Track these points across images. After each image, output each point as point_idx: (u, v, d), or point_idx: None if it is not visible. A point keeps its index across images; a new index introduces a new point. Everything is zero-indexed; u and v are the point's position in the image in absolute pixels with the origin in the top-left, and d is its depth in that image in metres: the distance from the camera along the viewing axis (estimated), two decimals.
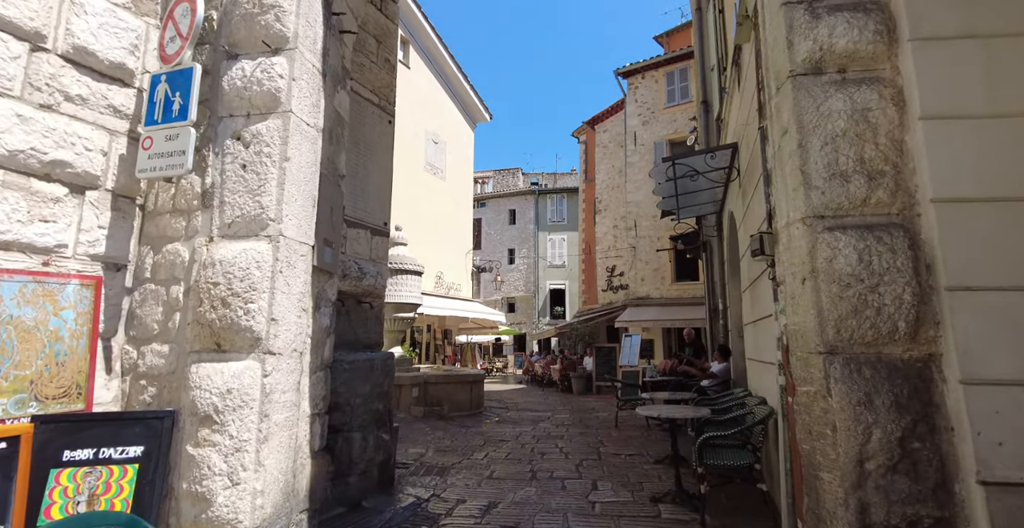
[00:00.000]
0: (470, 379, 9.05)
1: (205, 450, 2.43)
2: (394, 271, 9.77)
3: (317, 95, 3.11)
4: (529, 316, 30.45)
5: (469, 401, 9.05)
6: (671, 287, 15.93)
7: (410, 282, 9.95)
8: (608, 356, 13.24)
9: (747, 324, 5.65)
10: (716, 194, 7.39)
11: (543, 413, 9.43)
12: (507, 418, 8.75)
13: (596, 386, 13.25)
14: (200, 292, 2.64)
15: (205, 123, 2.90)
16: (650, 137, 16.98)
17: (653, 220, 16.36)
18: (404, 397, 8.38)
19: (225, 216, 2.74)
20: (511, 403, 10.99)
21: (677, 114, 16.65)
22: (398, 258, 9.86)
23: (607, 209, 20.31)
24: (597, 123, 20.93)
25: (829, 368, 2.16)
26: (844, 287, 2.18)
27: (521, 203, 31.92)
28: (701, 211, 8.16)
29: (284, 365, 2.72)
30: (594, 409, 9.93)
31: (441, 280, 16.47)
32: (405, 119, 15.67)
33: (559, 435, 7.15)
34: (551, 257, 30.67)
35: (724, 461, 3.75)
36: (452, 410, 8.76)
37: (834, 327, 2.17)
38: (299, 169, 2.88)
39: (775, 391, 3.49)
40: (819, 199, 2.29)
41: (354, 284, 4.32)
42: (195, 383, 2.52)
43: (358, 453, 3.96)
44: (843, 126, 2.29)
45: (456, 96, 18.24)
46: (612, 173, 20.19)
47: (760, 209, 4.19)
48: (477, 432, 7.44)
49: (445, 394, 8.81)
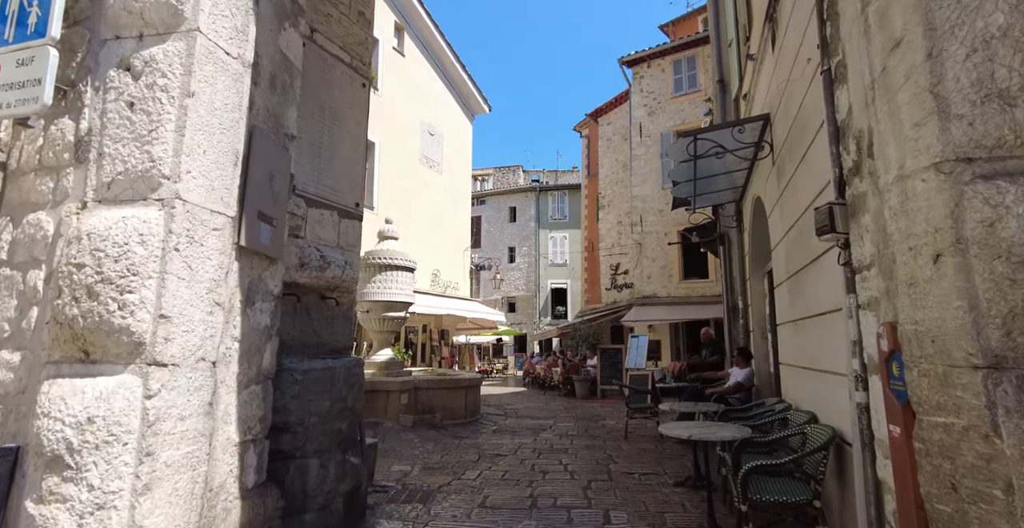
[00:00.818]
0: (465, 384, 8.28)
1: (51, 508, 1.67)
2: (384, 267, 9.01)
3: (244, 18, 2.33)
4: (530, 316, 29.68)
5: (464, 408, 8.28)
6: (679, 285, 15.15)
7: (401, 279, 9.19)
8: (614, 358, 12.47)
9: (783, 323, 4.87)
10: (736, 180, 6.62)
11: (544, 421, 8.66)
12: (505, 427, 7.98)
13: (601, 390, 12.47)
14: (60, 278, 1.87)
15: (84, 48, 2.13)
16: (656, 128, 16.20)
17: (660, 215, 15.59)
18: (392, 404, 7.61)
19: (104, 173, 1.98)
20: (510, 409, 10.22)
21: (685, 104, 15.88)
22: (388, 253, 9.10)
23: (611, 205, 19.53)
24: (600, 115, 20.15)
25: (994, 391, 1.38)
26: (1016, 265, 1.40)
27: (522, 200, 31.15)
28: (719, 199, 7.39)
29: (182, 381, 1.94)
30: (600, 416, 9.15)
31: (438, 278, 15.71)
32: (399, 109, 14.93)
33: (563, 448, 6.37)
34: (552, 255, 29.90)
35: (774, 496, 2.97)
36: (445, 418, 7.99)
37: (1001, 328, 1.40)
38: (211, 112, 2.11)
39: (845, 410, 2.71)
40: (965, 133, 1.51)
41: (315, 275, 3.55)
42: (44, 408, 1.75)
43: (315, 483, 3.19)
44: (1002, 22, 1.51)
45: (453, 87, 17.48)
46: (616, 167, 19.41)
47: (809, 184, 3.41)
48: (471, 444, 6.67)
49: (437, 401, 8.04)
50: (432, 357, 15.16)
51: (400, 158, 14.68)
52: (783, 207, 4.51)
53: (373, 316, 8.95)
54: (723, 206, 7.71)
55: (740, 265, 7.33)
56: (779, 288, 4.89)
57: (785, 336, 4.83)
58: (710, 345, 8.12)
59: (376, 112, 14.20)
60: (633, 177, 16.38)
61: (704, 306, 14.24)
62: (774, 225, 5.06)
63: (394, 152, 14.46)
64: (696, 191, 6.53)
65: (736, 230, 7.43)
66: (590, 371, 13.03)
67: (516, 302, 30.20)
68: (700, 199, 7.14)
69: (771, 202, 5.05)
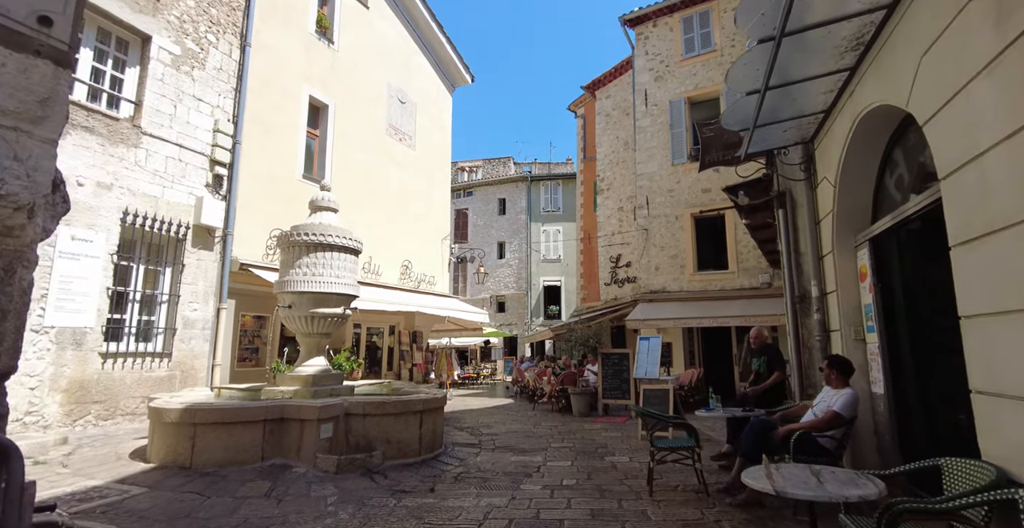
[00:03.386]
0: (418, 407, 5.92)
1: None
2: (314, 246, 6.65)
3: None
4: (521, 316, 27.32)
5: (418, 440, 5.91)
6: (693, 278, 12.85)
7: (339, 264, 6.83)
8: (618, 365, 10.14)
9: (971, 316, 2.55)
10: (810, 105, 4.32)
11: (531, 456, 6.31)
12: (474, 470, 5.63)
13: (604, 405, 10.13)
14: None
15: None
16: (664, 95, 13.93)
17: (670, 195, 13.30)
18: (308, 439, 5.24)
19: None
20: (487, 435, 7.85)
21: (697, 67, 13.61)
22: (320, 228, 6.74)
23: (610, 189, 17.24)
24: (598, 87, 17.86)
25: None
26: None
27: (512, 191, 28.82)
28: (780, 140, 5.06)
29: None
30: (605, 446, 6.82)
31: (409, 271, 13.34)
32: (361, 68, 12.55)
33: (556, 519, 4.03)
34: (545, 250, 27.57)
35: None
36: (390, 456, 5.63)
37: None
38: None
39: None
40: None
41: None
42: None
43: None
44: None
45: (430, 50, 15.13)
46: (616, 146, 17.13)
47: None
48: (416, 508, 4.32)
49: (378, 432, 5.68)
50: (401, 364, 12.78)
51: (361, 127, 12.31)
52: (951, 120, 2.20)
53: (297, 313, 6.58)
54: (783, 152, 5.40)
55: (813, 235, 5.03)
56: (967, 250, 2.56)
57: (974, 340, 2.51)
58: (765, 353, 5.72)
59: (329, 69, 11.80)
60: (638, 153, 14.07)
61: (724, 301, 11.96)
62: (950, 136, 2.73)
63: (353, 119, 12.08)
64: (758, 118, 4.21)
65: (805, 183, 5.12)
66: (590, 381, 10.70)
67: (506, 301, 27.84)
68: (759, 136, 4.82)
69: (945, 92, 2.72)
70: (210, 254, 8.71)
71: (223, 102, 9.16)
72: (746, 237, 12.26)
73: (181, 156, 8.36)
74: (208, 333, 8.59)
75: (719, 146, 7.03)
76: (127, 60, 7.90)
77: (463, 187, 30.03)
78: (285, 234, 6.81)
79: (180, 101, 8.40)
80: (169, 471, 4.83)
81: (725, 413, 4.78)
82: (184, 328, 8.20)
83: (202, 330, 8.50)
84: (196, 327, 8.41)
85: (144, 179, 7.77)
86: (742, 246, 12.31)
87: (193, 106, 8.62)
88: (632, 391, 9.75)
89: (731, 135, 7.12)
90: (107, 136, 7.30)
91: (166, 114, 8.17)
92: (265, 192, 9.82)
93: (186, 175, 8.42)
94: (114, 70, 7.73)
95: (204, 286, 8.57)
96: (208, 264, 8.67)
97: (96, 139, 7.16)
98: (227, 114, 9.20)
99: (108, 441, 6.13)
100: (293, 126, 10.63)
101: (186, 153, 8.43)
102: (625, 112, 16.81)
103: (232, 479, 4.74)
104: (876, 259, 4.18)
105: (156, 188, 7.94)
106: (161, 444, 5.05)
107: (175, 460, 4.95)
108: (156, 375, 7.76)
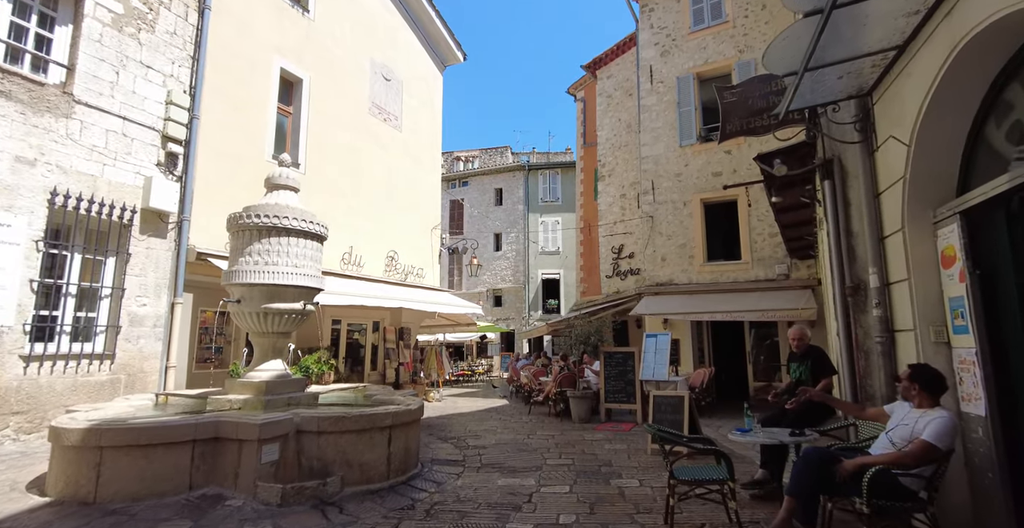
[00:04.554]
0: (388, 421, 4.92)
1: None
2: (267, 230, 5.66)
3: None
4: (518, 311, 26.36)
5: (386, 462, 4.93)
6: (703, 268, 11.85)
7: (297, 251, 5.82)
8: (622, 365, 9.15)
9: None
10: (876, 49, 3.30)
11: (523, 479, 5.34)
12: (451, 501, 4.65)
13: (606, 410, 9.17)
14: None
15: None
16: (671, 71, 12.86)
17: (677, 179, 12.28)
18: (246, 463, 4.26)
19: None
20: (474, 447, 6.88)
21: (708, 40, 12.54)
22: (276, 209, 5.74)
23: (612, 174, 16.21)
24: (599, 67, 16.77)
25: None
26: None
27: (509, 181, 27.77)
28: (837, 90, 4.03)
29: None
30: (610, 464, 5.85)
31: (395, 262, 12.33)
32: (340, 41, 11.46)
33: None
34: (544, 242, 26.57)
35: None
36: (352, 482, 4.66)
37: None
38: None
39: None
40: None
41: None
42: None
43: None
44: None
45: (418, 25, 14.04)
46: (619, 129, 16.08)
47: None
48: None
49: (336, 452, 4.69)
50: (387, 364, 11.79)
51: (341, 104, 11.26)
52: None
53: (247, 309, 5.59)
54: (831, 109, 4.37)
55: (871, 210, 4.02)
56: None
57: None
58: (809, 357, 4.66)
59: (304, 40, 10.70)
60: (642, 134, 13.02)
61: (737, 294, 10.98)
62: None
63: (332, 96, 11.02)
64: (812, 53, 3.18)
65: (860, 147, 4.10)
66: (591, 381, 9.73)
67: (503, 295, 26.87)
68: (805, 88, 3.79)
69: None
70: (162, 242, 7.70)
71: (178, 71, 8.11)
72: (761, 224, 11.26)
73: (125, 130, 7.32)
74: (160, 331, 7.59)
75: (742, 112, 6.01)
76: (56, 17, 6.84)
77: (458, 176, 28.99)
78: (233, 216, 5.80)
79: (124, 67, 7.35)
80: (65, 508, 3.85)
81: (767, 437, 3.77)
82: (131, 325, 7.20)
83: (153, 328, 7.50)
84: (146, 324, 7.41)
85: (79, 155, 6.74)
86: (756, 234, 11.31)
87: (140, 74, 7.57)
88: (638, 394, 8.78)
89: (756, 100, 6.10)
90: (29, 104, 6.27)
91: (106, 81, 7.12)
92: (229, 174, 8.80)
93: (132, 152, 7.39)
94: (40, 28, 6.69)
95: (155, 278, 7.56)
96: (160, 253, 7.66)
97: (15, 106, 6.12)
98: (183, 85, 8.15)
99: (20, 461, 5.15)
100: (262, 101, 9.59)
101: (132, 127, 7.39)
102: (628, 92, 15.74)
103: (143, 518, 3.76)
104: (971, 238, 3.17)
105: (94, 166, 6.91)
106: (60, 473, 4.07)
107: (75, 493, 3.97)
108: (95, 380, 6.77)
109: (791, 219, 6.98)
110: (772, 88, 5.94)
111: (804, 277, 10.68)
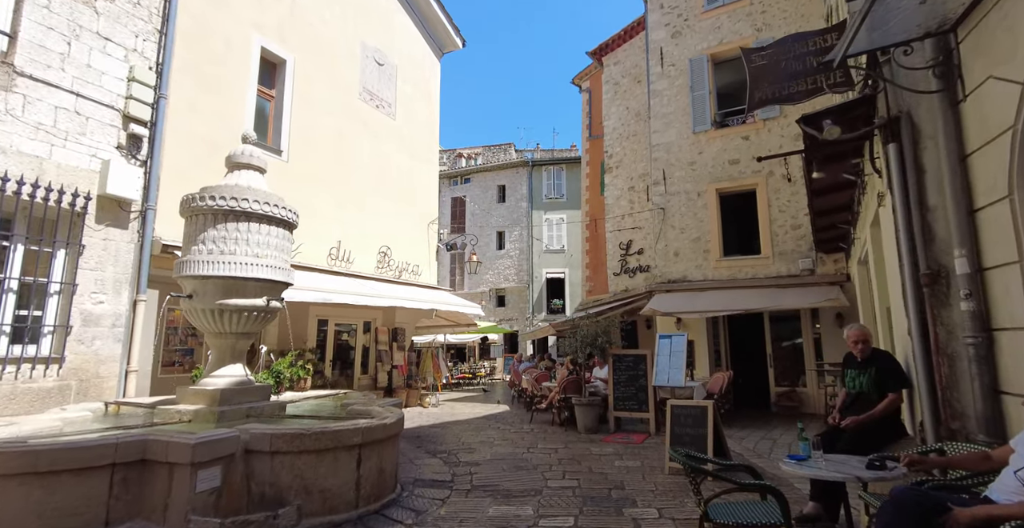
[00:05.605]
0: (356, 439, 4.11)
1: None
2: (225, 214, 4.87)
3: None
4: (522, 311, 25.53)
5: (354, 487, 4.12)
6: (719, 264, 10.98)
7: (260, 239, 5.03)
8: (633, 369, 8.31)
9: None
10: None
11: (519, 506, 4.50)
12: None
13: (616, 419, 8.32)
14: None
15: None
16: (683, 54, 12.01)
17: (691, 168, 11.42)
18: (178, 492, 3.46)
19: None
20: (466, 464, 6.05)
21: (723, 18, 11.69)
22: (237, 191, 4.95)
23: (619, 166, 15.36)
24: (606, 53, 15.95)
25: None
26: None
27: (512, 177, 26.96)
28: (913, 26, 3.19)
29: None
30: (621, 484, 5.02)
31: (387, 259, 11.54)
32: (328, 21, 10.69)
33: None
34: (548, 240, 25.73)
35: None
36: (311, 512, 3.85)
37: None
38: None
39: None
40: None
41: None
42: None
43: None
44: None
45: (414, 8, 13.27)
46: (627, 118, 15.23)
47: None
48: None
49: (294, 477, 3.88)
50: (379, 367, 10.99)
51: (328, 88, 10.49)
52: None
53: (200, 305, 4.80)
54: (901, 53, 3.51)
55: (956, 177, 3.17)
56: None
57: None
58: (872, 364, 3.78)
59: (287, 18, 9.91)
60: (653, 121, 12.18)
61: (756, 291, 10.11)
62: None
63: (318, 79, 10.25)
64: None
65: (940, 98, 3.26)
66: (599, 388, 8.89)
67: (506, 295, 26.05)
68: (871, 23, 2.95)
69: None
70: (123, 233, 6.93)
71: (143, 46, 7.35)
72: (782, 216, 10.40)
73: (79, 107, 6.56)
74: (120, 331, 6.82)
75: (774, 77, 5.18)
76: None
77: (460, 173, 28.22)
78: (187, 198, 5.02)
79: (77, 38, 6.60)
80: None
81: (834, 471, 2.85)
82: (84, 325, 6.43)
83: (111, 328, 6.73)
84: (103, 324, 6.64)
85: (20, 133, 5.98)
86: (778, 226, 10.44)
87: (97, 46, 6.81)
88: (651, 402, 7.93)
89: (791, 62, 5.27)
90: None
91: (55, 53, 6.37)
92: (201, 159, 8.02)
93: (87, 132, 6.62)
94: None
95: (114, 272, 6.79)
96: (120, 245, 6.89)
97: None
98: (148, 61, 7.39)
99: None
100: (240, 82, 8.83)
101: (86, 104, 6.63)
102: (636, 79, 14.90)
103: None
104: None
105: (40, 146, 6.16)
106: None
107: None
108: (39, 387, 6.00)
109: (827, 203, 6.13)
110: (810, 47, 5.11)
111: (831, 272, 9.80)
